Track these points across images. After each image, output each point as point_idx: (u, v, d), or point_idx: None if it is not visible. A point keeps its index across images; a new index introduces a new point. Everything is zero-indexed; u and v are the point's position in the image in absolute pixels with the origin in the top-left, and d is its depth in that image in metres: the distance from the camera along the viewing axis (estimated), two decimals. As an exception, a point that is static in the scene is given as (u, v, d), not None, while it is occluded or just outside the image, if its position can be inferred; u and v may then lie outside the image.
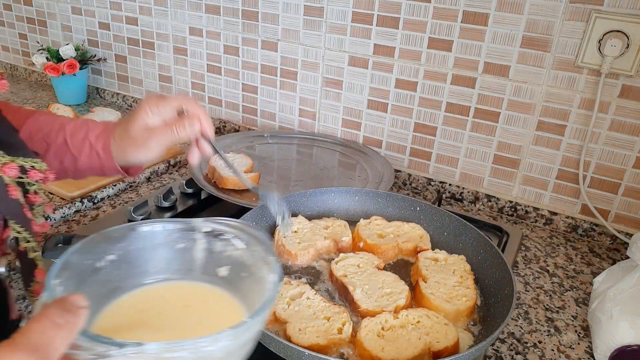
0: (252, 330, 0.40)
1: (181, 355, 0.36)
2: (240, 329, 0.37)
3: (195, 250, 0.50)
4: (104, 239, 0.45)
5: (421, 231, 0.89)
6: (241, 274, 0.48)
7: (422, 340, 0.64)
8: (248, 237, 0.48)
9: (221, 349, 0.37)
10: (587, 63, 0.98)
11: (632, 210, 1.04)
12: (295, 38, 1.29)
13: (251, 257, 0.48)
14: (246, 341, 0.40)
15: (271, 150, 1.28)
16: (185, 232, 0.49)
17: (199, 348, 0.36)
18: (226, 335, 0.36)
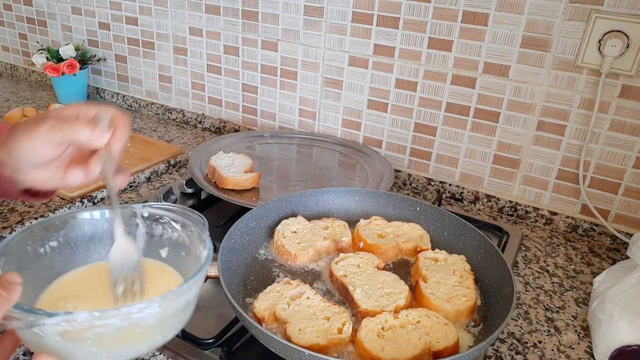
0: (181, 300, 0.42)
1: (112, 322, 0.38)
2: (167, 297, 0.39)
3: (136, 234, 0.52)
4: (44, 227, 0.48)
5: (421, 231, 0.89)
6: (181, 253, 0.52)
7: (422, 340, 0.64)
8: (184, 219, 0.51)
9: (151, 316, 0.39)
10: (587, 63, 0.98)
11: (632, 210, 1.04)
12: (295, 38, 1.29)
13: (188, 237, 0.51)
14: (176, 310, 0.42)
15: (271, 150, 1.28)
16: (126, 217, 0.51)
17: (129, 315, 0.38)
18: (154, 302, 0.39)
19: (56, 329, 0.37)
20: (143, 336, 0.41)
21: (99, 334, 0.38)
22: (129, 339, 0.40)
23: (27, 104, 1.62)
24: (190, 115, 1.56)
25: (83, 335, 0.38)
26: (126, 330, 0.39)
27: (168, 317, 0.42)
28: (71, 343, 0.38)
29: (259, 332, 0.61)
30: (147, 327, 0.40)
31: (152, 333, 0.41)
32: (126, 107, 1.69)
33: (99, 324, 0.37)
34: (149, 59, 1.58)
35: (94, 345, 0.39)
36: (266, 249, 0.85)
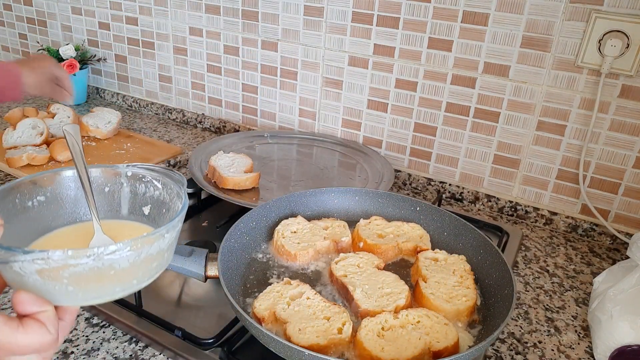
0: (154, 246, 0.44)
1: (85, 262, 0.40)
2: (138, 241, 0.42)
3: (121, 193, 0.56)
4: (32, 182, 0.50)
5: (421, 231, 0.89)
6: (162, 210, 0.55)
7: (422, 340, 0.64)
8: (164, 179, 0.55)
9: (124, 258, 0.42)
10: (587, 63, 0.98)
11: (632, 210, 1.04)
12: (295, 38, 1.29)
13: (168, 195, 0.54)
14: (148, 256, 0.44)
15: (271, 150, 1.28)
16: (111, 177, 0.56)
17: (101, 256, 0.40)
18: (126, 245, 0.41)
19: (33, 266, 0.39)
20: (118, 279, 0.43)
21: (74, 273, 0.40)
22: (105, 281, 0.42)
23: (27, 104, 1.62)
24: (190, 115, 1.56)
25: (60, 274, 0.40)
26: (101, 271, 0.41)
27: (140, 261, 0.44)
28: (49, 282, 0.40)
29: (259, 332, 0.61)
30: (121, 270, 0.42)
31: (127, 277, 0.44)
32: (126, 107, 1.69)
33: (73, 263, 0.39)
34: (149, 59, 1.58)
35: (70, 285, 0.41)
36: (266, 249, 0.85)
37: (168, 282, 0.84)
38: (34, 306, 0.39)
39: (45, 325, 0.39)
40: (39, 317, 0.39)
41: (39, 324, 0.39)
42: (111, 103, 1.72)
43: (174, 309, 0.78)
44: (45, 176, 0.51)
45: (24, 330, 0.38)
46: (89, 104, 1.69)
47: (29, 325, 0.38)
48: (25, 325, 0.38)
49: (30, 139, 1.22)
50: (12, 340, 0.37)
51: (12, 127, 1.24)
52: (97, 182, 0.55)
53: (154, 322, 0.73)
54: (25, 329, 0.38)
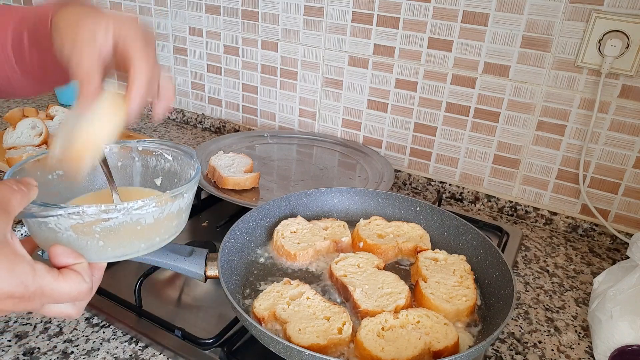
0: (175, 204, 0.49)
1: (116, 217, 0.44)
2: (162, 198, 0.46)
3: (133, 167, 0.61)
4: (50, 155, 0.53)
5: (421, 231, 0.89)
6: (174, 180, 0.60)
7: (422, 340, 0.64)
8: (175, 151, 0.60)
9: (149, 214, 0.46)
10: (587, 63, 0.98)
11: (632, 210, 1.04)
12: (295, 38, 1.29)
13: (179, 166, 0.60)
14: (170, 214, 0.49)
15: (271, 150, 1.28)
16: (123, 152, 0.60)
17: (130, 210, 0.44)
18: (152, 201, 0.46)
19: (69, 222, 0.43)
20: (143, 235, 0.48)
21: (105, 228, 0.44)
22: (132, 236, 0.47)
23: (27, 104, 1.62)
24: (190, 115, 1.56)
25: (92, 229, 0.44)
26: (129, 226, 0.45)
27: (163, 218, 0.48)
28: (82, 237, 0.44)
29: (259, 332, 0.61)
30: (147, 225, 0.47)
31: (151, 233, 0.48)
32: (126, 107, 1.69)
33: (105, 217, 0.44)
34: (149, 59, 1.58)
35: (101, 240, 0.45)
36: (266, 249, 0.85)
37: (168, 282, 0.84)
38: (69, 258, 0.43)
39: (81, 275, 0.42)
40: (75, 268, 0.42)
41: (76, 274, 0.42)
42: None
43: (174, 309, 0.78)
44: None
45: (63, 279, 0.41)
46: (89, 104, 1.69)
47: (68, 275, 0.41)
48: (64, 274, 0.41)
49: (30, 139, 1.22)
50: (54, 287, 0.40)
51: (12, 127, 1.24)
52: (110, 157, 0.58)
53: (154, 322, 0.73)
54: (64, 278, 0.41)
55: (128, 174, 0.61)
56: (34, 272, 0.39)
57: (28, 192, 0.41)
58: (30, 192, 0.41)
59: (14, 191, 0.40)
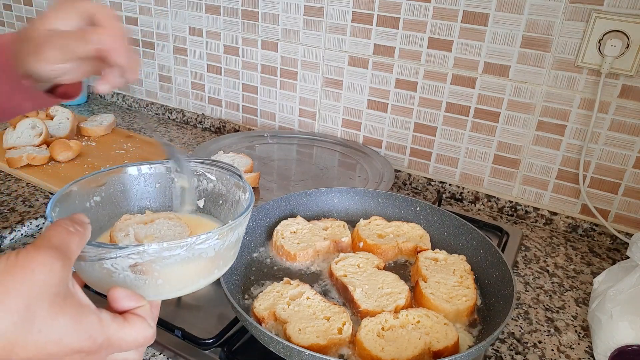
0: (235, 234, 0.46)
1: (178, 253, 0.41)
2: (225, 229, 0.44)
3: (172, 188, 0.57)
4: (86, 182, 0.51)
5: (421, 231, 0.89)
6: (218, 201, 0.56)
7: (422, 340, 0.64)
8: (218, 170, 0.56)
9: (211, 247, 0.43)
10: (587, 63, 0.98)
11: (632, 210, 1.04)
12: (295, 38, 1.29)
13: (224, 186, 0.56)
14: (230, 244, 0.46)
15: (271, 150, 1.28)
16: (161, 173, 0.56)
17: (193, 246, 0.42)
18: (214, 233, 0.43)
19: (128, 262, 0.40)
20: (203, 268, 0.45)
21: (165, 266, 0.41)
22: (191, 271, 0.44)
23: (27, 104, 1.62)
24: (190, 115, 1.56)
25: (152, 267, 0.41)
26: (189, 261, 0.43)
27: (224, 250, 0.45)
28: (140, 276, 0.41)
29: (259, 332, 0.61)
30: (207, 259, 0.44)
31: (211, 266, 0.46)
32: (126, 107, 1.69)
33: (167, 255, 0.41)
34: (149, 59, 1.58)
35: (160, 278, 0.42)
36: (266, 249, 0.85)
37: (168, 282, 0.84)
38: (131, 301, 0.40)
39: (145, 320, 0.40)
40: (138, 312, 0.40)
41: (141, 319, 0.39)
42: (111, 103, 1.72)
43: (174, 309, 0.78)
44: (99, 176, 0.53)
45: (129, 326, 0.38)
46: (89, 104, 1.69)
47: (132, 321, 0.39)
48: (129, 320, 0.39)
49: (30, 139, 1.22)
50: (121, 336, 0.38)
51: (12, 127, 1.24)
52: (147, 179, 0.56)
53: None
54: (130, 325, 0.38)
55: (167, 196, 0.57)
56: (101, 322, 0.36)
57: (84, 232, 0.38)
58: (86, 232, 0.39)
59: (72, 234, 0.37)
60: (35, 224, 0.95)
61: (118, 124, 1.50)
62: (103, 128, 1.35)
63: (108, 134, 1.37)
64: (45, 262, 0.34)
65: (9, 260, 0.33)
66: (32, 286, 0.33)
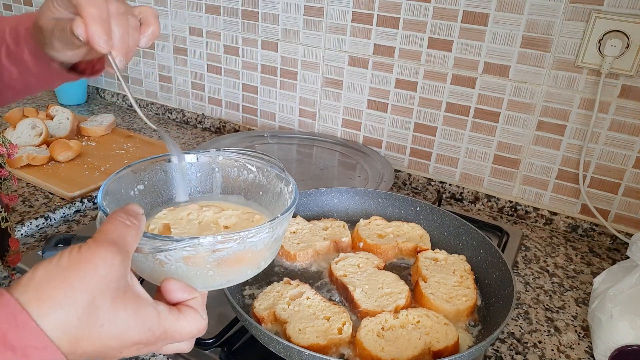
0: (282, 227, 0.47)
1: (231, 246, 0.41)
2: (275, 222, 0.44)
3: (213, 178, 0.58)
4: (132, 170, 0.52)
5: (421, 231, 0.89)
6: (258, 192, 0.56)
7: (422, 340, 0.64)
8: (259, 162, 0.56)
9: (261, 240, 0.44)
10: (587, 63, 0.98)
11: (632, 210, 1.04)
12: (295, 38, 1.29)
13: (264, 177, 0.56)
14: (277, 237, 0.47)
15: (271, 150, 1.28)
16: (202, 163, 0.57)
17: (245, 239, 0.42)
18: (265, 227, 0.43)
19: (181, 253, 0.40)
20: (251, 261, 0.46)
21: (217, 258, 0.42)
22: (241, 263, 0.45)
23: (27, 104, 1.62)
24: (190, 115, 1.56)
25: (205, 259, 0.41)
26: (240, 254, 0.43)
27: (271, 243, 0.46)
28: (193, 268, 0.42)
29: (259, 332, 0.61)
30: (256, 251, 0.45)
31: (258, 258, 0.46)
32: (126, 107, 1.69)
33: (220, 247, 0.41)
34: (148, 59, 1.58)
35: (212, 269, 0.43)
36: (266, 249, 0.84)
37: (168, 282, 0.84)
38: (184, 293, 0.40)
39: (198, 312, 0.40)
40: (191, 304, 0.40)
41: (194, 311, 0.40)
42: (111, 103, 1.72)
43: (174, 309, 0.78)
44: (143, 164, 0.53)
45: (184, 318, 0.39)
46: (89, 104, 1.69)
47: (187, 313, 0.40)
48: (184, 312, 0.39)
49: (30, 139, 1.22)
50: (177, 327, 0.39)
51: (12, 127, 1.24)
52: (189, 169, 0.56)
53: (154, 322, 0.73)
54: (185, 316, 0.39)
55: (207, 186, 0.57)
56: (158, 314, 0.37)
57: (139, 225, 0.39)
58: (141, 224, 0.39)
59: (128, 227, 0.37)
60: (35, 224, 0.95)
61: (118, 124, 1.50)
62: (103, 128, 1.35)
63: (108, 134, 1.37)
64: (107, 256, 0.34)
65: (71, 255, 0.34)
66: (95, 281, 0.33)
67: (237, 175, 0.57)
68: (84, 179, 1.11)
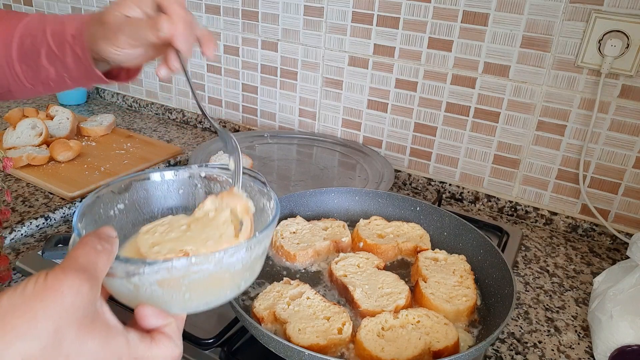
0: (262, 246, 0.45)
1: (207, 268, 0.40)
2: (252, 242, 0.42)
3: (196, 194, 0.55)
4: (110, 190, 0.50)
5: (421, 231, 0.89)
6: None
7: (422, 340, 0.64)
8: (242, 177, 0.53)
9: (238, 261, 0.42)
10: (587, 63, 0.98)
11: (632, 210, 1.04)
12: (295, 38, 1.29)
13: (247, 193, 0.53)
14: (256, 257, 0.45)
15: (271, 150, 1.28)
16: (184, 179, 0.55)
17: (221, 260, 0.40)
18: (242, 247, 0.42)
19: (155, 277, 0.39)
20: (230, 282, 0.44)
21: (193, 280, 0.40)
22: (218, 285, 0.43)
23: (27, 105, 1.62)
24: (190, 115, 1.56)
25: (180, 282, 0.40)
26: (217, 275, 0.41)
27: (250, 262, 0.44)
28: (168, 291, 0.40)
29: (259, 332, 0.61)
30: (234, 272, 0.43)
31: (237, 279, 0.44)
32: (126, 107, 1.69)
33: (195, 270, 0.39)
34: (149, 59, 1.58)
35: (188, 292, 0.41)
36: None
37: (168, 282, 0.84)
38: (158, 320, 0.40)
39: (172, 339, 0.39)
40: (165, 331, 0.39)
41: (168, 338, 0.39)
42: (111, 103, 1.72)
43: (174, 309, 0.78)
44: (123, 183, 0.51)
45: (157, 346, 0.38)
46: (89, 104, 1.69)
47: (160, 340, 0.39)
48: (156, 340, 0.38)
49: (30, 139, 1.22)
50: (149, 356, 0.37)
51: (11, 127, 1.24)
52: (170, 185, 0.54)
53: (154, 322, 0.73)
54: (157, 344, 0.38)
55: (191, 203, 0.55)
56: (128, 343, 0.36)
57: (112, 249, 0.37)
58: (114, 248, 0.38)
59: (99, 252, 0.36)
60: (35, 224, 0.95)
61: (118, 124, 1.50)
62: (103, 128, 1.35)
63: (108, 134, 1.37)
64: (73, 284, 0.33)
65: (37, 284, 0.33)
66: (60, 310, 0.32)
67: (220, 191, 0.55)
68: (83, 179, 1.11)
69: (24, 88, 0.64)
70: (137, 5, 0.55)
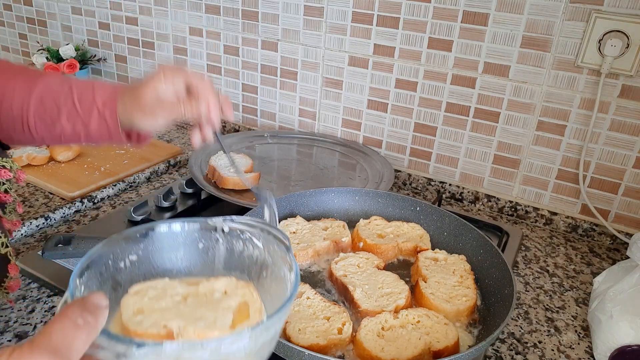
0: (271, 331, 0.39)
1: (201, 355, 0.35)
2: (258, 330, 0.37)
3: (216, 250, 0.50)
4: (124, 238, 0.45)
5: (421, 231, 0.89)
6: (262, 273, 0.48)
7: (422, 340, 0.64)
8: (266, 236, 0.48)
9: (240, 349, 0.37)
10: (587, 63, 0.98)
11: (632, 210, 1.04)
12: (295, 38, 1.29)
13: (270, 256, 0.47)
14: (264, 342, 0.39)
15: (271, 150, 1.28)
16: (206, 232, 0.49)
17: (218, 349, 0.35)
18: (244, 335, 0.36)
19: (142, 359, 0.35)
20: None
21: None
22: None
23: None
24: (190, 115, 1.56)
25: None
26: None
27: (257, 349, 0.39)
28: None
29: (259, 332, 0.61)
30: None
31: None
32: (126, 107, 1.69)
33: (187, 357, 0.35)
34: (149, 59, 1.58)
35: None
36: (266, 249, 0.84)
37: (168, 282, 0.84)
38: None
39: None
40: None
41: None
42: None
43: (174, 309, 0.78)
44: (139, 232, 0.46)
45: None
46: (89, 104, 1.69)
47: None
48: None
49: (30, 139, 1.22)
50: None
51: (12, 127, 1.24)
52: (189, 237, 0.49)
53: (154, 322, 0.73)
54: None
55: (210, 259, 0.49)
56: None
57: (96, 323, 0.32)
58: (99, 321, 0.33)
59: (78, 328, 0.31)
60: (35, 224, 0.95)
61: (118, 124, 1.49)
62: None
63: (108, 134, 1.37)
64: None
65: None
66: None
67: (242, 250, 0.49)
68: (84, 179, 1.11)
69: (30, 138, 0.66)
70: (172, 83, 0.63)
